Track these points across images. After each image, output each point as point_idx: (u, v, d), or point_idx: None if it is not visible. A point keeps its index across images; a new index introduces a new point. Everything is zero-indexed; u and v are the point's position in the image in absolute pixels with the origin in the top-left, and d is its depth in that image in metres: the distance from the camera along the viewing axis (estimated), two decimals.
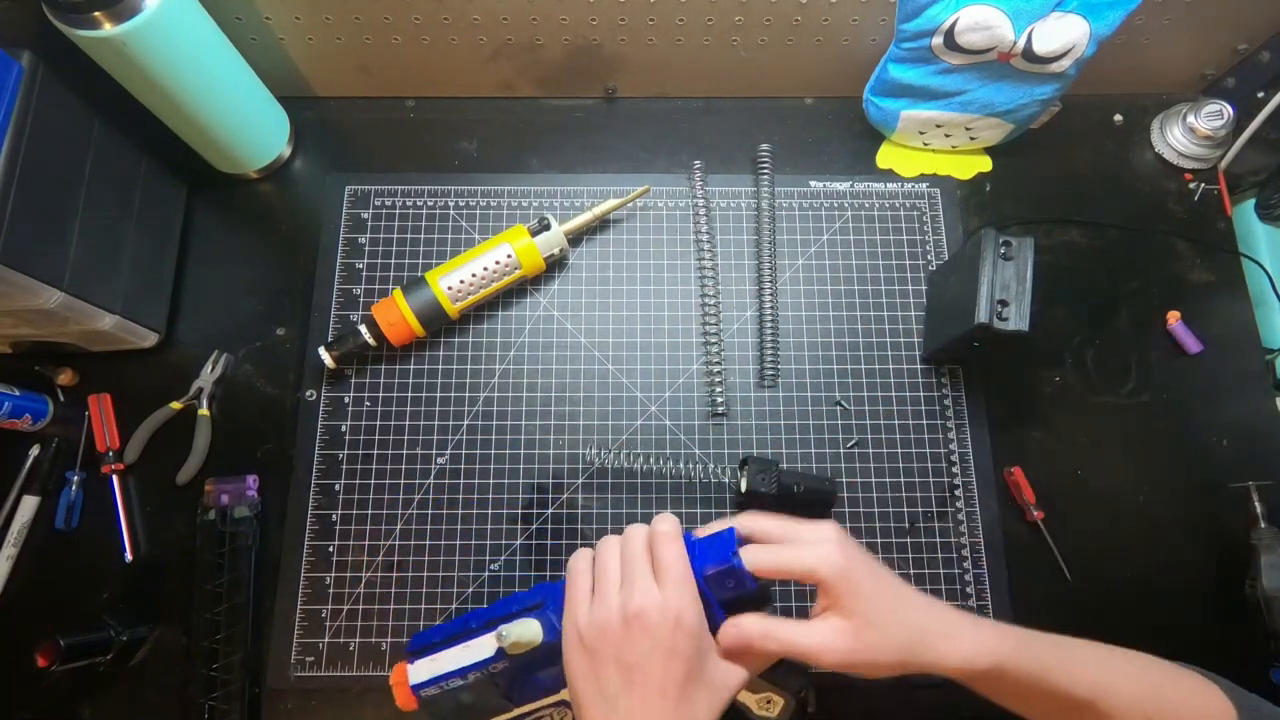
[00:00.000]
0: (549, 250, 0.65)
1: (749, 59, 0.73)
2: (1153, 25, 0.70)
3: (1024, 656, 0.40)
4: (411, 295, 0.62)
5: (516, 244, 0.64)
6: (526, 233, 0.64)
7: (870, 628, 0.39)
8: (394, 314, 0.62)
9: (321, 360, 0.63)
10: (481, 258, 0.63)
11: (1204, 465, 0.68)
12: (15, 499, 0.64)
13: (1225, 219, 0.75)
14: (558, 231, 0.65)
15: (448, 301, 0.63)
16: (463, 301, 0.63)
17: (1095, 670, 0.42)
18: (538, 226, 0.64)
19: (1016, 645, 0.40)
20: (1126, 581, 0.65)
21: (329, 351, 0.62)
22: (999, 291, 0.59)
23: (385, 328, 0.62)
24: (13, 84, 0.52)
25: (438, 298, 0.62)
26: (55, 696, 0.61)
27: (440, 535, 0.65)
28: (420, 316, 0.62)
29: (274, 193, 0.75)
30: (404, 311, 0.62)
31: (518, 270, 0.65)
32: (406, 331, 0.63)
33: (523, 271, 0.65)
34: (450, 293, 0.63)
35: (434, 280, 0.63)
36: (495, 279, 0.64)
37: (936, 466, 0.67)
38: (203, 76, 0.62)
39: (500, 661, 0.47)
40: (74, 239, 0.58)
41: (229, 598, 0.61)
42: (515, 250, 0.64)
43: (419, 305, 0.62)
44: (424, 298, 0.62)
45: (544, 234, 0.65)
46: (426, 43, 0.70)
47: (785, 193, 0.75)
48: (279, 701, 0.61)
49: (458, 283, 0.63)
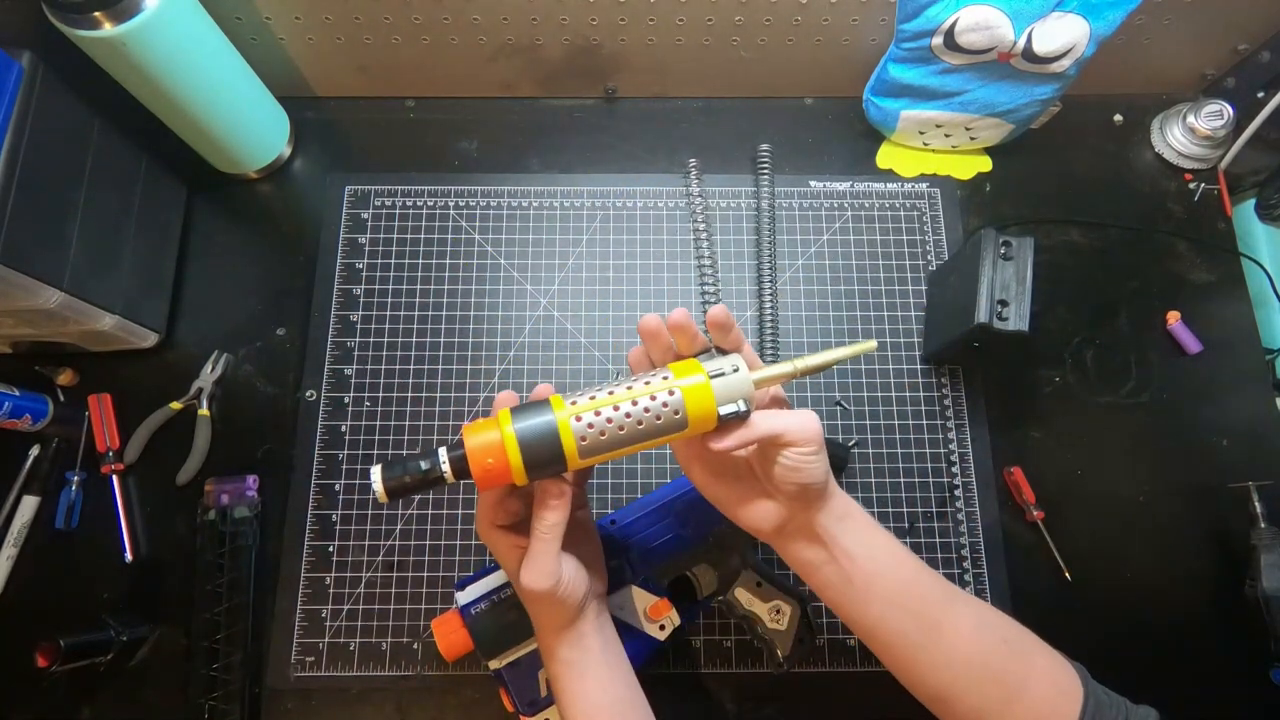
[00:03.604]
0: (730, 398, 0.40)
1: (749, 59, 0.73)
2: (1153, 25, 0.70)
3: (904, 550, 0.44)
4: (524, 423, 0.39)
5: (684, 383, 0.39)
6: (700, 368, 0.40)
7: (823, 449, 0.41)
8: (494, 449, 0.38)
9: (372, 484, 0.39)
10: (631, 391, 0.39)
11: (1204, 465, 0.68)
12: (15, 499, 0.64)
13: (1225, 219, 0.75)
14: (745, 377, 0.40)
15: (573, 446, 0.38)
16: (594, 455, 0.39)
17: (950, 585, 0.44)
18: (717, 366, 0.40)
19: (891, 539, 0.44)
20: (1126, 581, 0.65)
21: (383, 481, 0.38)
22: (999, 291, 0.59)
23: (477, 469, 0.38)
24: (13, 84, 0.52)
25: (562, 442, 0.38)
26: (55, 696, 0.61)
27: (440, 535, 0.65)
28: (531, 462, 0.38)
29: (274, 193, 0.75)
30: (510, 450, 0.38)
31: (677, 420, 0.39)
32: (503, 475, 0.39)
33: (687, 431, 0.40)
34: (581, 436, 0.39)
35: (561, 411, 0.39)
36: (643, 430, 0.39)
37: (936, 466, 0.67)
38: (203, 76, 0.62)
39: None
40: (74, 239, 0.58)
41: (229, 598, 0.61)
42: (682, 392, 0.39)
43: (533, 445, 0.38)
44: (540, 431, 0.38)
45: (724, 377, 0.40)
46: (426, 43, 0.70)
47: (785, 193, 0.75)
48: (279, 701, 0.61)
49: (596, 419, 0.39)
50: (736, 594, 0.58)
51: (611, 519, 0.58)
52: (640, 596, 0.56)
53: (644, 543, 0.57)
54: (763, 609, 0.58)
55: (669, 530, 0.58)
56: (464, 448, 0.38)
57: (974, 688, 0.41)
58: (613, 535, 0.57)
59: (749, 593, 0.58)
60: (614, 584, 0.56)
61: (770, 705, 0.62)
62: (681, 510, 0.58)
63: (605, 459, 0.40)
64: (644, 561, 0.56)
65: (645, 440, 0.40)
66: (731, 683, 0.62)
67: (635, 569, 0.56)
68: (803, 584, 0.49)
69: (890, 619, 0.43)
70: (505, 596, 0.54)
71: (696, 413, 0.39)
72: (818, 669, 0.62)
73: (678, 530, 0.58)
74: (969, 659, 0.41)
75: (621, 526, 0.57)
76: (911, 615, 0.42)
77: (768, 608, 0.58)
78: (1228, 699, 0.62)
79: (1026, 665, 0.42)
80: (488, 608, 0.54)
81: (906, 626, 0.42)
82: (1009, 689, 0.41)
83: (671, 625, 0.55)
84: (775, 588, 0.58)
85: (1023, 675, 0.41)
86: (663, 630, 0.55)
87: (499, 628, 0.53)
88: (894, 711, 0.48)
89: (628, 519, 0.58)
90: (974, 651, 0.42)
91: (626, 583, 0.56)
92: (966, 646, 0.42)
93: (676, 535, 0.57)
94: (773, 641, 0.57)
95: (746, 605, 0.58)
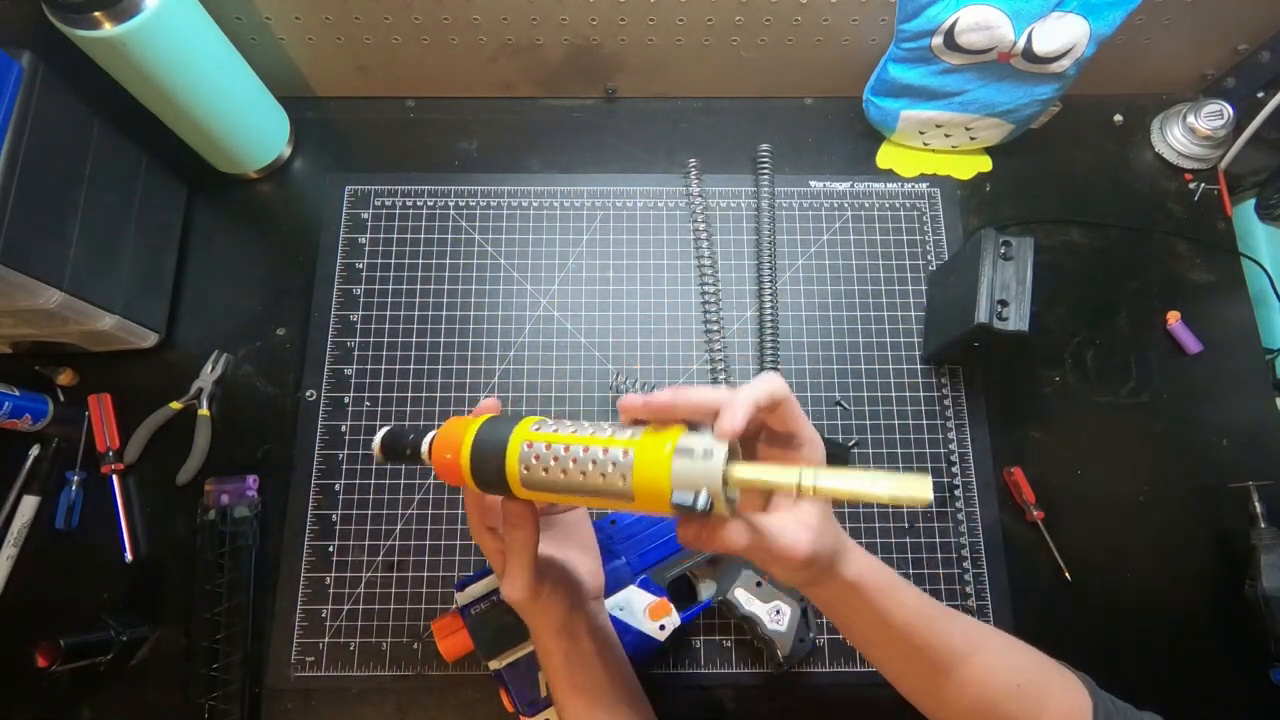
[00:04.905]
0: (690, 484, 0.31)
1: (749, 59, 0.73)
2: (1153, 25, 0.70)
3: (909, 589, 0.40)
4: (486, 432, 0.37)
5: (641, 448, 0.33)
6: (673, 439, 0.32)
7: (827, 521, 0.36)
8: (454, 446, 0.38)
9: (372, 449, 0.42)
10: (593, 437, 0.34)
11: (1204, 465, 0.68)
12: (15, 499, 0.64)
13: (1225, 219, 0.75)
14: (713, 467, 0.31)
15: (515, 472, 0.36)
16: (536, 490, 0.36)
17: (973, 630, 0.42)
18: (691, 443, 0.32)
19: (894, 577, 0.40)
20: (1126, 581, 0.65)
21: (380, 445, 0.41)
22: (999, 291, 0.59)
23: (438, 460, 0.39)
24: (13, 84, 0.52)
25: (506, 462, 0.36)
26: (55, 696, 0.61)
27: (440, 535, 0.65)
28: (477, 472, 0.37)
29: (274, 193, 0.75)
30: (463, 455, 0.37)
31: (621, 489, 0.33)
32: (456, 476, 0.38)
33: (634, 506, 0.33)
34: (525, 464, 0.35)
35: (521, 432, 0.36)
36: (584, 484, 0.34)
37: (936, 467, 0.67)
38: (203, 76, 0.62)
39: None
40: (74, 239, 0.58)
41: (229, 598, 0.61)
42: (635, 458, 0.32)
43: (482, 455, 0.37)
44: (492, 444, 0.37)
45: (690, 457, 0.32)
46: (426, 43, 0.70)
47: (785, 193, 0.75)
48: (279, 701, 0.61)
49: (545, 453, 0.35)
50: (736, 594, 0.58)
51: (611, 519, 0.58)
52: (640, 596, 0.56)
53: (644, 542, 0.57)
54: (763, 609, 0.58)
55: (669, 530, 0.58)
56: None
57: None
58: (613, 535, 0.57)
59: (749, 593, 0.58)
60: (614, 584, 0.56)
61: (770, 705, 0.62)
62: None
63: (553, 500, 0.37)
64: (644, 563, 0.56)
65: (584, 496, 0.34)
66: (731, 683, 0.62)
67: (635, 569, 0.56)
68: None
69: (895, 664, 0.42)
70: None
71: (644, 488, 0.32)
72: (818, 669, 0.62)
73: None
74: (977, 706, 0.41)
75: (621, 526, 0.57)
76: (921, 664, 0.41)
77: (768, 608, 0.58)
78: (1228, 699, 0.62)
79: (1038, 705, 0.41)
80: (487, 608, 0.54)
81: (914, 672, 0.42)
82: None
83: (671, 625, 0.55)
84: (775, 587, 0.58)
85: (1036, 715, 0.41)
86: (663, 630, 0.55)
87: (499, 628, 0.53)
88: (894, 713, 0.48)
89: (628, 519, 0.58)
90: (984, 698, 0.41)
91: (626, 583, 0.56)
92: (976, 693, 0.41)
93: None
94: (773, 641, 0.58)
95: (746, 605, 0.58)
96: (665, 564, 0.57)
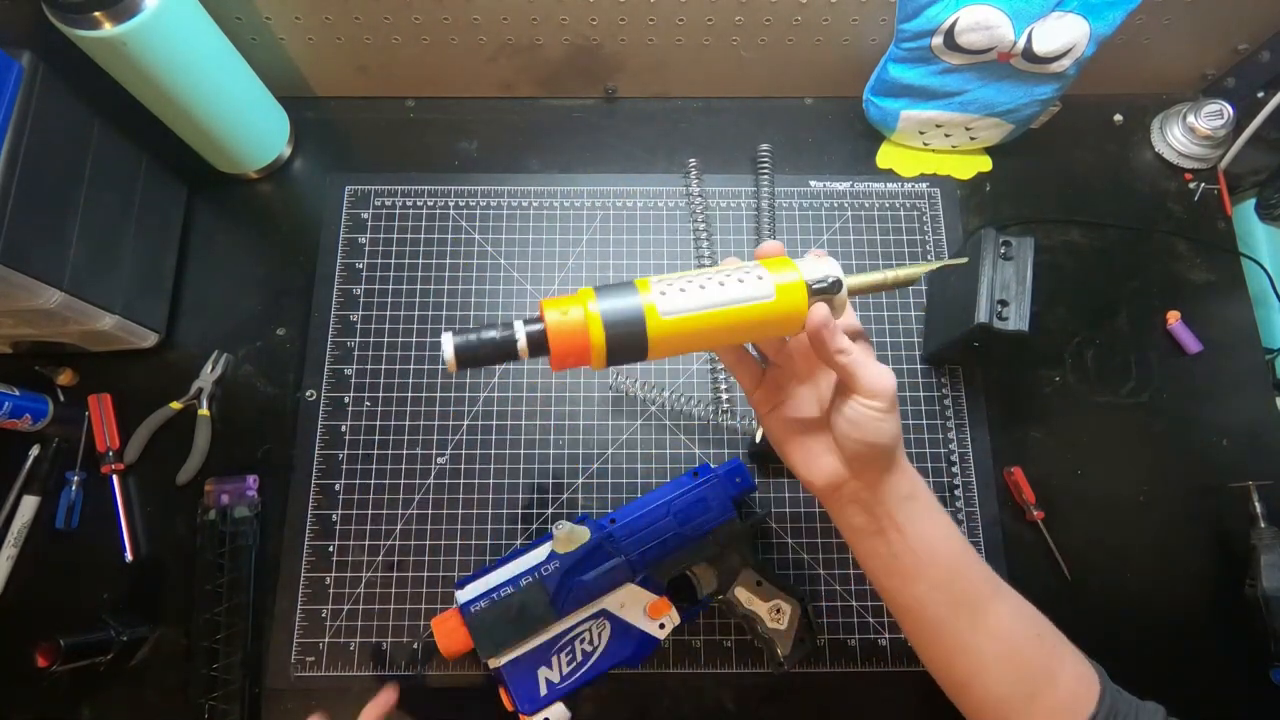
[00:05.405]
0: (819, 275, 0.38)
1: (749, 59, 0.73)
2: (1153, 25, 0.70)
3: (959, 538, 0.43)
4: (608, 301, 0.36)
5: (767, 261, 0.39)
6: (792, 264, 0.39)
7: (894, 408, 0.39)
8: (576, 325, 0.36)
9: (442, 351, 0.36)
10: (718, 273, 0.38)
11: (1204, 465, 0.68)
12: (15, 499, 0.64)
13: (1225, 219, 0.75)
14: (832, 261, 0.40)
15: (653, 304, 0.36)
16: (674, 314, 0.36)
17: (992, 571, 0.44)
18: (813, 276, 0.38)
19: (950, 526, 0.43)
20: (1126, 581, 0.65)
21: (454, 349, 0.36)
22: (999, 291, 0.59)
23: (555, 340, 0.36)
24: (13, 84, 0.52)
25: (639, 290, 0.37)
26: (55, 696, 0.61)
27: (440, 535, 0.65)
28: (609, 316, 0.36)
29: (274, 193, 0.75)
30: (591, 324, 0.36)
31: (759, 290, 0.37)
32: (583, 352, 0.36)
33: (773, 304, 0.37)
34: (661, 289, 0.37)
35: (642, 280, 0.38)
36: (722, 294, 0.37)
37: (936, 466, 0.67)
38: (203, 76, 0.62)
39: (551, 563, 0.55)
40: (74, 239, 0.58)
41: (229, 598, 0.61)
42: (762, 262, 0.39)
43: (610, 296, 0.37)
44: (618, 289, 0.37)
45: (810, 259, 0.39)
46: (426, 43, 0.70)
47: (785, 193, 0.75)
48: (279, 701, 0.61)
49: (678, 293, 0.37)
50: (736, 593, 0.58)
51: (611, 518, 0.58)
52: (640, 595, 0.56)
53: (644, 541, 0.57)
54: (763, 609, 0.58)
55: (669, 529, 0.58)
56: (543, 321, 0.36)
57: (1003, 677, 0.41)
58: (613, 535, 0.57)
59: (749, 592, 0.58)
60: (614, 583, 0.56)
61: (770, 705, 0.62)
62: (681, 510, 0.58)
63: (694, 329, 0.37)
64: (644, 561, 0.56)
65: (726, 308, 0.37)
66: (731, 683, 0.62)
67: (635, 568, 0.56)
68: (803, 583, 0.49)
69: (930, 602, 0.42)
70: (505, 595, 0.54)
71: (782, 281, 0.38)
72: (818, 669, 0.62)
73: (677, 530, 0.58)
74: (1001, 649, 0.42)
75: (621, 526, 0.58)
76: (953, 602, 0.42)
77: (768, 607, 0.58)
78: (1228, 699, 0.62)
79: (1057, 661, 0.42)
80: (487, 606, 0.54)
81: (945, 612, 0.42)
82: (1036, 683, 0.41)
83: (671, 623, 0.55)
84: (775, 587, 0.58)
85: (1052, 670, 0.41)
86: (662, 629, 0.55)
87: (499, 626, 0.53)
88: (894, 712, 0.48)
89: (628, 518, 0.58)
90: (1007, 642, 0.42)
91: (626, 582, 0.56)
92: (1002, 636, 0.42)
93: (676, 534, 0.58)
94: (773, 641, 0.58)
95: (746, 605, 0.58)
96: (665, 563, 0.57)
